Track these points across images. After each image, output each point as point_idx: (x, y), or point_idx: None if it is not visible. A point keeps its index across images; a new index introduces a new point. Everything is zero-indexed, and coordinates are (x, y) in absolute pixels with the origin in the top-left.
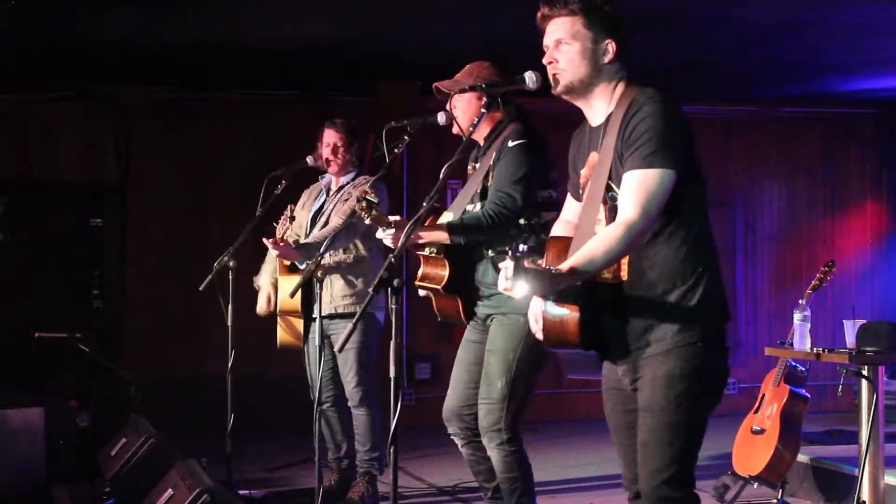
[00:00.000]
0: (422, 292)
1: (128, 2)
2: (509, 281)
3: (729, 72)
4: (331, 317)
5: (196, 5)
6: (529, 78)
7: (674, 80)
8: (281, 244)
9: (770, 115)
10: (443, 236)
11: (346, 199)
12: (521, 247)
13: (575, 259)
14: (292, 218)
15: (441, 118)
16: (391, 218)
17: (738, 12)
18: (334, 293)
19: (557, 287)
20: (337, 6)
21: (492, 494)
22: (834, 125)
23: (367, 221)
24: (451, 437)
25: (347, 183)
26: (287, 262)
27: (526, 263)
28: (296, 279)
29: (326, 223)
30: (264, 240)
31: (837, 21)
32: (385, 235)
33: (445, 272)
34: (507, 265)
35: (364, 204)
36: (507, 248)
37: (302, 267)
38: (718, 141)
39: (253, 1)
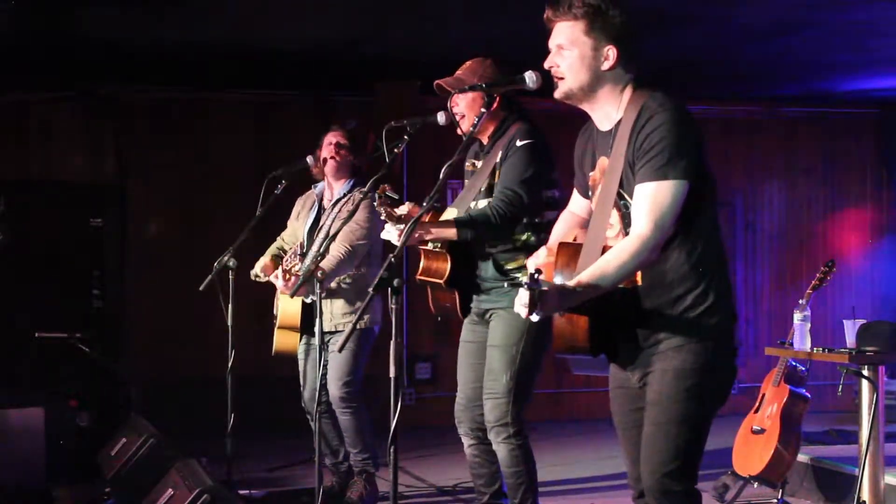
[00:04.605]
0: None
1: (128, 2)
2: (526, 308)
3: (729, 72)
4: (331, 333)
5: (197, 5)
6: (530, 78)
7: (674, 80)
8: (290, 279)
9: (770, 115)
10: (450, 233)
11: (344, 218)
12: (537, 276)
13: (587, 274)
14: (303, 255)
15: (441, 118)
16: (398, 211)
17: (738, 12)
18: (334, 311)
19: (571, 304)
20: (337, 6)
21: (487, 500)
22: (834, 125)
23: (383, 217)
24: (461, 437)
25: (343, 196)
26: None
27: (542, 287)
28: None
29: (325, 238)
30: (276, 279)
31: (837, 21)
32: (392, 231)
33: (447, 266)
34: (523, 293)
35: (385, 200)
36: (522, 282)
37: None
38: (718, 141)
39: (253, 1)
